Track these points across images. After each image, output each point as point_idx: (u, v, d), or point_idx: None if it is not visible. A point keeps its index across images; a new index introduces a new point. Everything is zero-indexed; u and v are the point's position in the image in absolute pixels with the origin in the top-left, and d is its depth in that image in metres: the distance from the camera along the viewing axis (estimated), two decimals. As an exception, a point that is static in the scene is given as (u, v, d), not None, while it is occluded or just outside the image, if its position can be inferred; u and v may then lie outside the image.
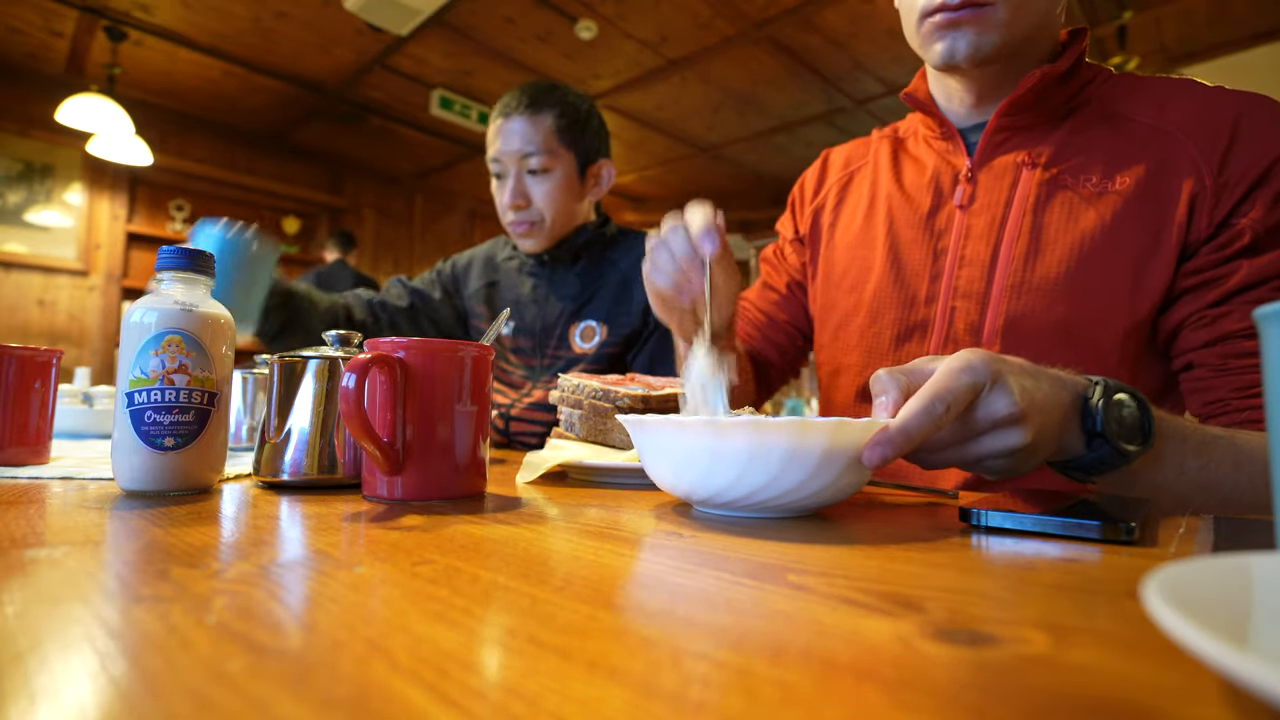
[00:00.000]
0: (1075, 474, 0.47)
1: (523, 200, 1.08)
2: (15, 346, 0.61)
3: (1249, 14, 2.77)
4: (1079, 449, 0.45)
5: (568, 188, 1.09)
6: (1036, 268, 0.62)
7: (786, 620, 0.22)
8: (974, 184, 0.67)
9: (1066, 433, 0.44)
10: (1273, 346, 0.24)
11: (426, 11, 2.78)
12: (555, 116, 1.09)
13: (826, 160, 0.86)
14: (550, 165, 1.07)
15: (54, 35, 3.12)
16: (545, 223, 1.10)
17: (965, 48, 0.62)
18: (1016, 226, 0.64)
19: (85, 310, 3.76)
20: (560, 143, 1.09)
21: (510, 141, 1.08)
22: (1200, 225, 0.57)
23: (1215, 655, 0.13)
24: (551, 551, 0.32)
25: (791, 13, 2.81)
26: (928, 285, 0.68)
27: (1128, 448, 0.44)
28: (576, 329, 1.13)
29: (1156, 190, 0.59)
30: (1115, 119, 0.63)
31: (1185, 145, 0.59)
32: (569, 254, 1.14)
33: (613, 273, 1.14)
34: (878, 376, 0.44)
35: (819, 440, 0.37)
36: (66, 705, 0.15)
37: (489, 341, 0.55)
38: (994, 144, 0.67)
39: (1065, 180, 0.63)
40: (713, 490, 0.40)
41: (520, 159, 1.07)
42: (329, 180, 4.69)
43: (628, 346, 1.11)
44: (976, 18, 0.61)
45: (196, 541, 0.32)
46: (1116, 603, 0.24)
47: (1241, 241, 0.56)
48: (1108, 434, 0.43)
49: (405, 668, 0.18)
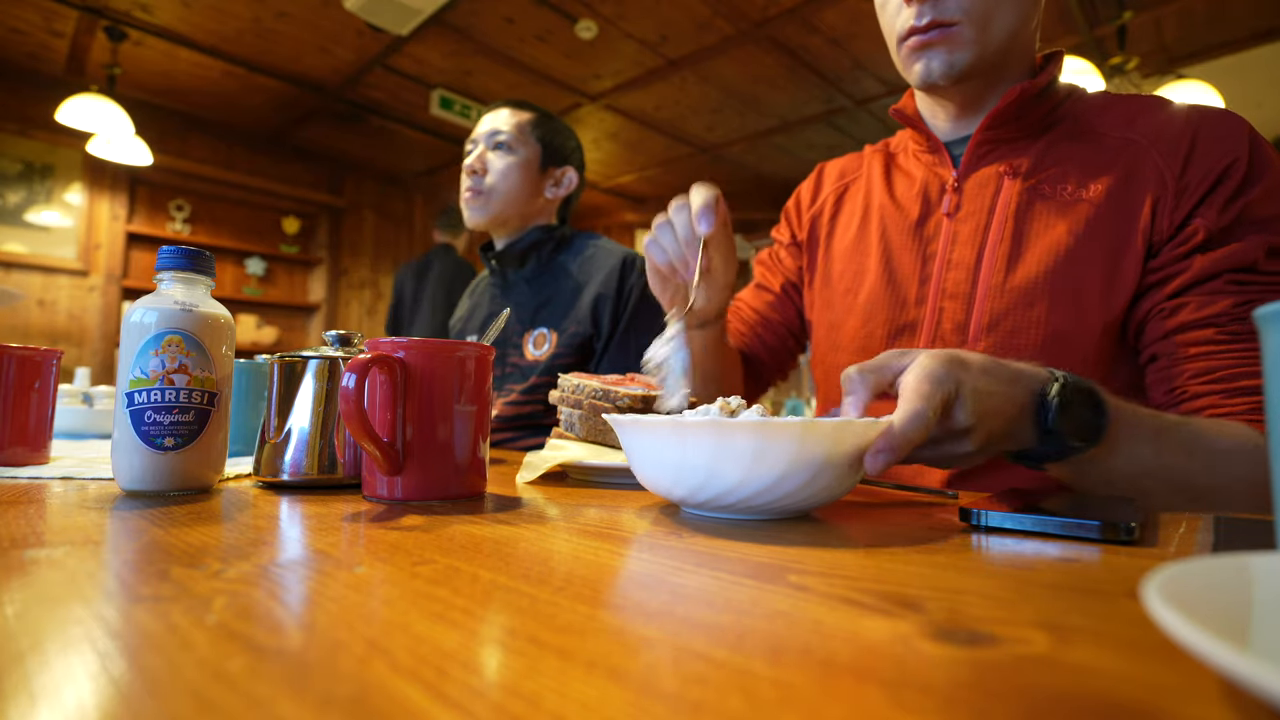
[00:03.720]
0: (1026, 463, 0.50)
1: (480, 166, 1.16)
2: (15, 346, 0.61)
3: (1249, 14, 2.77)
4: (1031, 442, 0.48)
5: (524, 171, 1.17)
6: (1017, 270, 0.66)
7: (786, 620, 0.22)
8: (960, 193, 0.72)
9: (1019, 428, 0.47)
10: (1273, 346, 0.24)
11: (426, 11, 2.78)
12: (534, 118, 1.20)
13: (821, 172, 0.91)
14: (514, 145, 1.17)
15: (54, 35, 3.12)
16: (493, 194, 1.16)
17: (940, 66, 0.67)
18: (999, 232, 0.68)
19: (85, 310, 3.76)
20: (529, 135, 1.18)
21: (485, 124, 1.19)
22: (1162, 226, 0.62)
23: (1215, 655, 0.13)
24: (551, 551, 0.32)
25: (791, 13, 2.81)
26: (917, 288, 0.72)
27: (1075, 444, 0.47)
28: (530, 336, 1.15)
29: (1125, 197, 0.63)
30: (1089, 133, 0.68)
31: (1151, 155, 0.63)
32: (516, 257, 1.18)
33: (565, 278, 1.17)
34: (847, 374, 0.46)
35: (787, 440, 0.37)
36: (66, 705, 0.15)
37: (489, 341, 0.55)
38: (978, 156, 0.71)
39: (1043, 189, 0.67)
40: (686, 491, 0.40)
41: (490, 136, 1.18)
42: (329, 180, 4.68)
43: (582, 356, 1.12)
44: (946, 37, 0.66)
45: (196, 541, 0.32)
46: (1116, 603, 0.24)
47: (1196, 239, 0.60)
48: (1059, 430, 0.46)
49: (405, 668, 0.18)
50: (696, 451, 0.38)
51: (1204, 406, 0.58)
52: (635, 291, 1.13)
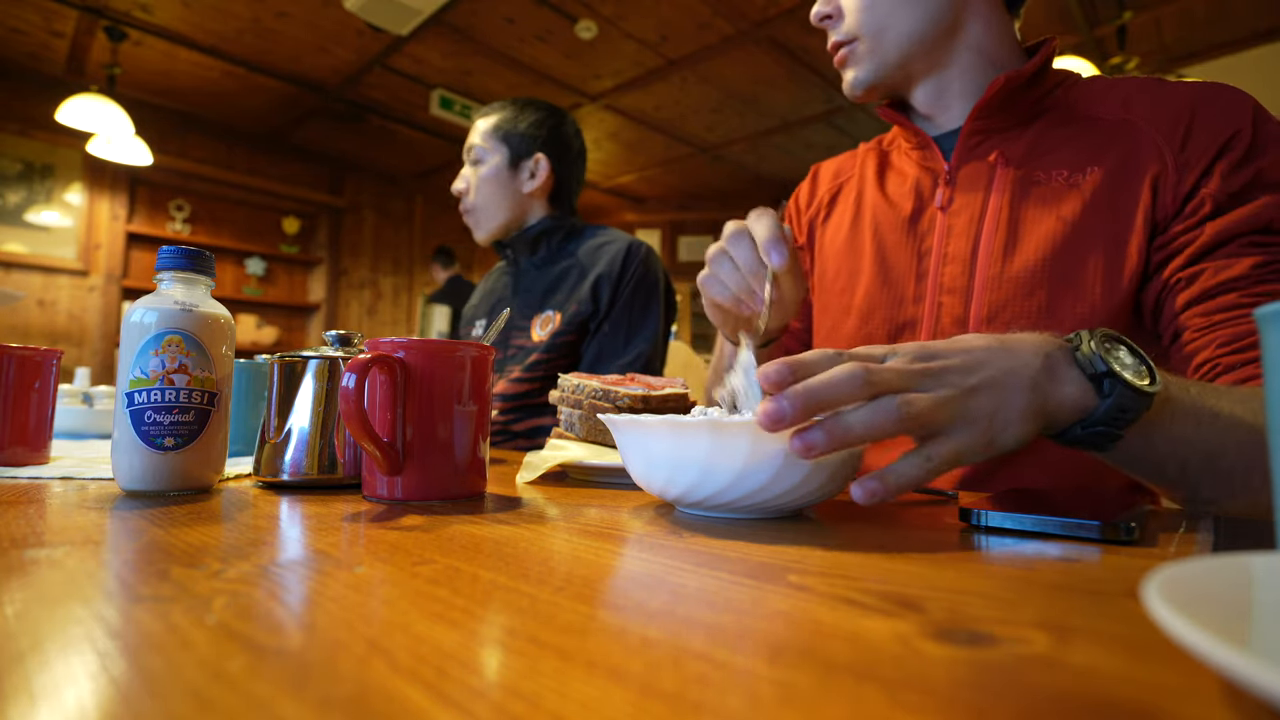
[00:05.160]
0: (1096, 432, 0.41)
1: (462, 184, 1.22)
2: (15, 346, 0.61)
3: (1249, 14, 2.77)
4: (1090, 401, 0.40)
5: (496, 178, 1.21)
6: (1014, 259, 0.65)
7: (786, 620, 0.22)
8: (952, 186, 0.71)
9: (1048, 400, 0.40)
10: (1273, 346, 0.23)
11: (426, 11, 2.78)
12: (500, 116, 1.23)
13: (816, 174, 0.90)
14: (483, 156, 1.21)
15: (54, 35, 3.12)
16: (478, 209, 1.21)
17: (850, 82, 0.72)
18: (994, 222, 0.67)
19: (85, 310, 3.76)
20: (495, 138, 1.22)
21: (469, 138, 1.25)
22: (1165, 203, 0.60)
23: (1215, 655, 0.13)
24: (551, 551, 0.32)
25: (791, 13, 2.81)
26: (914, 285, 0.72)
27: (1140, 384, 0.39)
28: (538, 319, 1.18)
29: (1123, 178, 0.62)
30: (1083, 118, 0.67)
31: (1149, 133, 0.62)
32: (526, 244, 1.22)
33: (573, 264, 1.20)
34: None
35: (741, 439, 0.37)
36: (67, 705, 0.15)
37: (489, 341, 0.55)
38: (969, 147, 0.70)
39: (1037, 176, 0.66)
40: (680, 490, 0.40)
41: (468, 151, 1.23)
42: (329, 180, 4.69)
43: (581, 333, 1.14)
44: (847, 55, 0.71)
45: (196, 541, 0.32)
46: (1116, 603, 0.24)
47: (1204, 210, 0.58)
48: (1114, 373, 0.39)
49: (405, 668, 0.18)
50: (691, 450, 0.38)
51: (1243, 378, 0.52)
52: (635, 277, 1.15)
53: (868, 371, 0.36)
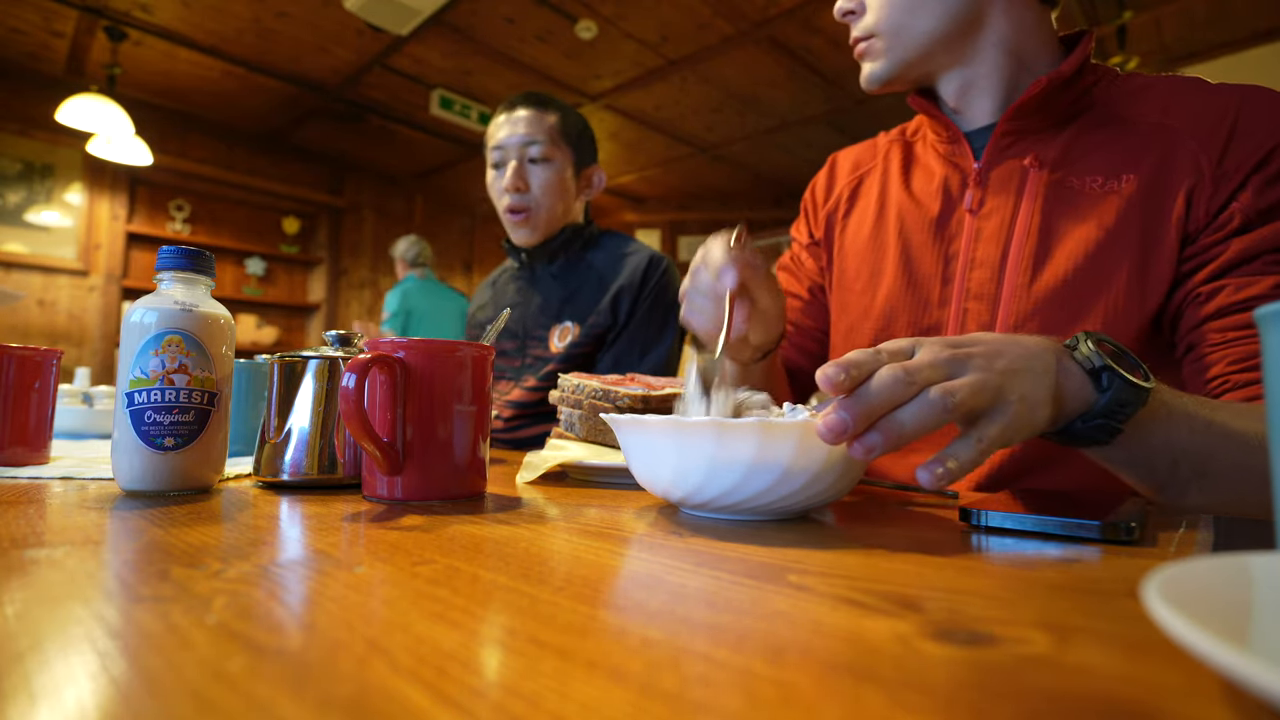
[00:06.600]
0: (1096, 425, 0.43)
1: (522, 184, 1.12)
2: (15, 346, 0.61)
3: (1249, 14, 2.77)
4: (1090, 395, 0.42)
5: (562, 182, 1.15)
6: (1045, 268, 0.63)
7: (786, 620, 0.22)
8: (983, 188, 0.68)
9: (1061, 388, 0.42)
10: (1273, 347, 0.23)
11: (426, 11, 2.78)
12: (558, 117, 1.15)
13: (834, 164, 0.87)
14: (550, 155, 1.13)
15: (54, 35, 3.12)
16: (540, 211, 1.14)
17: (867, 75, 0.71)
18: (1025, 228, 0.65)
19: (85, 310, 3.76)
20: (561, 139, 1.14)
21: (515, 129, 1.13)
22: (1199, 215, 0.58)
23: (1215, 655, 0.13)
24: (551, 551, 0.32)
25: (791, 13, 2.81)
26: (940, 289, 0.69)
27: (1134, 379, 0.42)
28: (555, 330, 1.16)
29: (1158, 188, 0.60)
30: (1120, 120, 0.64)
31: (1187, 142, 0.60)
32: (546, 253, 1.18)
33: (591, 275, 1.17)
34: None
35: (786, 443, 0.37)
36: (66, 705, 0.15)
37: (489, 341, 0.55)
38: (1000, 147, 0.68)
39: (1071, 181, 0.64)
40: (685, 492, 0.40)
41: (522, 147, 1.13)
42: (329, 180, 4.68)
43: (597, 345, 1.13)
44: (865, 50, 0.70)
45: (196, 541, 0.32)
46: (1116, 603, 0.24)
47: (1233, 224, 0.56)
48: (1112, 369, 0.41)
49: (405, 668, 0.18)
50: (696, 452, 0.38)
51: (1251, 396, 0.53)
52: (655, 291, 1.13)
53: (907, 372, 0.38)
